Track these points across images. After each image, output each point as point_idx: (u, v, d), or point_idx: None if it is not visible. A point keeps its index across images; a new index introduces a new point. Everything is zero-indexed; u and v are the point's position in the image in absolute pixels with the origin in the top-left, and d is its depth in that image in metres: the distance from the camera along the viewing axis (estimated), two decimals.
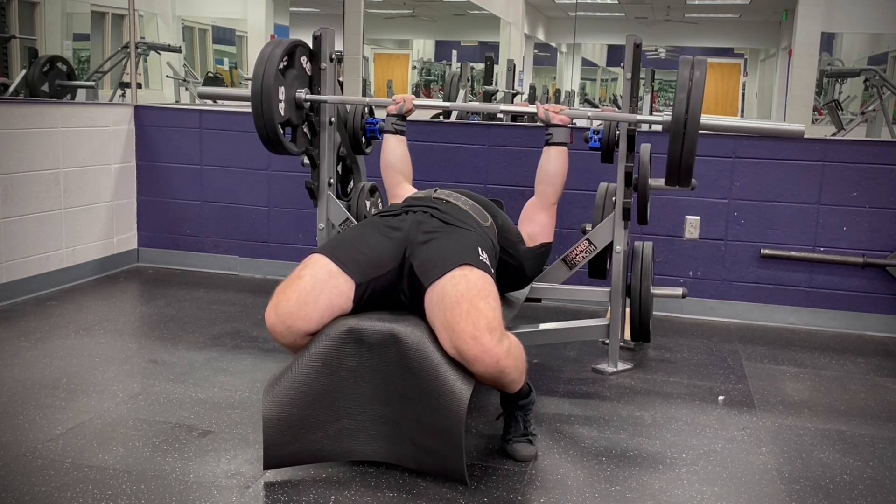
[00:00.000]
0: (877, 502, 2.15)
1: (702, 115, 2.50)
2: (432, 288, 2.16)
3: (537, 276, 2.98)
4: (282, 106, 2.80)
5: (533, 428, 2.36)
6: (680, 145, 2.50)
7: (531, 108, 2.92)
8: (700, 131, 2.49)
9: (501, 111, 3.08)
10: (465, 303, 2.07)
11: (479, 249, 2.29)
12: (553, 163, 2.86)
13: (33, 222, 3.81)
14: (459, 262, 2.18)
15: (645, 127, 3.97)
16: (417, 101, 3.03)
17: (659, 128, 2.68)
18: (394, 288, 2.29)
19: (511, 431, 2.33)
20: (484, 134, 4.07)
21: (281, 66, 2.78)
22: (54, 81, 5.79)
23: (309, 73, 2.98)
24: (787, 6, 11.94)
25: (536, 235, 2.81)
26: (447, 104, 3.02)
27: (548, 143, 2.88)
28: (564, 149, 2.87)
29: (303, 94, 2.91)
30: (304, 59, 2.95)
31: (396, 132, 2.98)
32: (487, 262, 2.27)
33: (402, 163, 2.98)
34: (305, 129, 3.00)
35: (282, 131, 2.82)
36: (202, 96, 3.19)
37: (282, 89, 2.80)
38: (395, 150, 2.98)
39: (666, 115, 2.62)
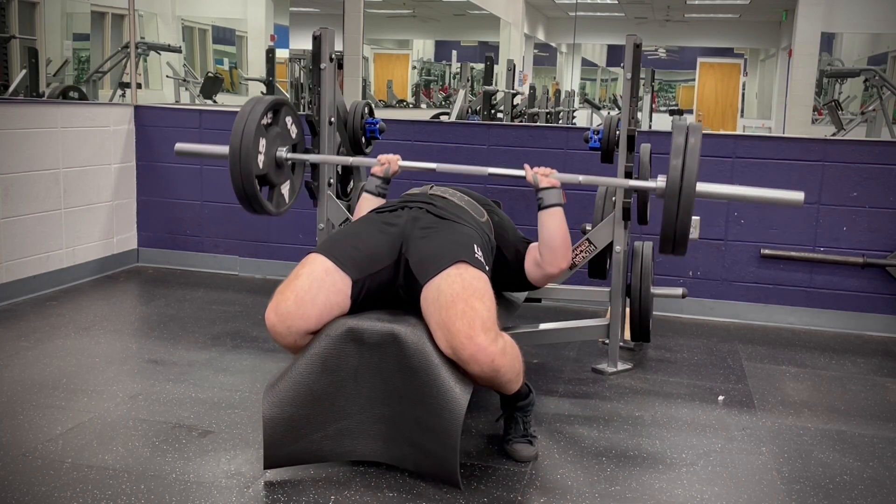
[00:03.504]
0: (877, 502, 2.15)
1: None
2: (428, 286, 2.16)
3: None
4: (261, 158, 2.75)
5: (533, 429, 2.36)
6: (675, 213, 2.49)
7: (520, 172, 2.76)
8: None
9: (489, 174, 2.90)
10: (461, 302, 2.07)
11: (475, 246, 2.29)
12: (548, 228, 2.62)
13: (33, 222, 3.81)
14: (455, 259, 2.18)
15: (644, 127, 3.96)
16: (403, 163, 2.85)
17: (662, 125, 2.67)
18: (391, 283, 2.29)
19: (511, 432, 2.33)
20: (484, 134, 4.07)
21: (265, 121, 2.74)
22: None
23: (293, 135, 2.93)
24: (787, 6, 11.94)
25: (529, 275, 2.69)
26: (433, 165, 2.89)
27: (540, 209, 2.64)
28: (558, 210, 2.63)
29: (283, 151, 2.86)
30: (289, 120, 2.90)
31: (378, 195, 2.78)
32: (482, 260, 2.28)
33: None
34: (284, 192, 2.95)
35: (258, 188, 2.75)
36: (179, 154, 3.11)
37: (263, 141, 2.74)
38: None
39: (661, 182, 2.59)
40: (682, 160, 2.45)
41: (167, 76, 8.39)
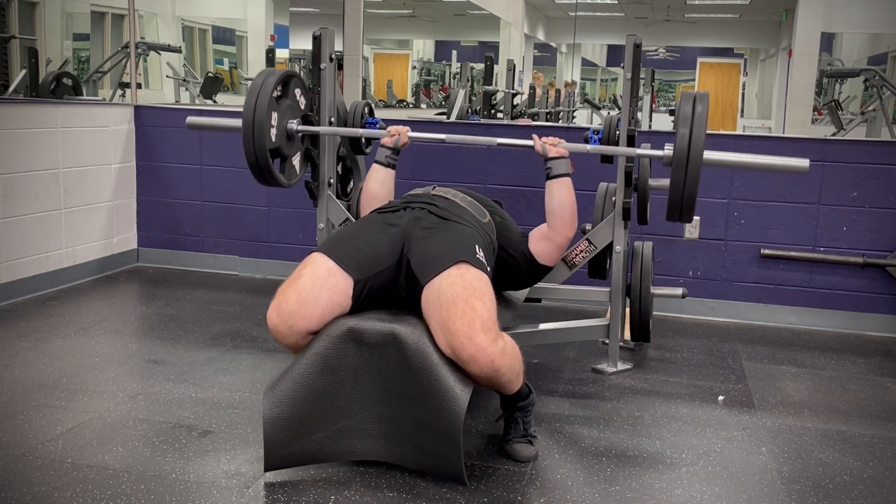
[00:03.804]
0: (877, 502, 2.15)
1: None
2: (429, 286, 2.16)
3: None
4: (273, 132, 2.76)
5: (533, 429, 2.36)
6: (682, 181, 2.48)
7: (528, 142, 2.83)
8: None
9: (498, 145, 2.97)
10: (461, 302, 2.07)
11: (476, 247, 2.29)
12: (556, 196, 2.71)
13: (33, 222, 3.81)
14: (456, 259, 2.18)
15: (645, 126, 3.96)
16: (413, 134, 2.91)
17: (661, 123, 2.67)
18: (392, 283, 2.29)
19: (511, 432, 2.33)
20: (484, 134, 4.07)
21: (275, 94, 2.75)
22: (62, 97, 5.82)
23: (302, 106, 2.94)
24: (787, 6, 11.95)
25: (539, 254, 2.74)
26: (444, 136, 2.95)
27: (549, 178, 2.74)
28: (567, 180, 2.74)
29: (294, 124, 2.87)
30: (298, 92, 2.91)
31: (388, 165, 2.86)
32: (484, 261, 2.28)
33: (388, 197, 2.86)
34: (295, 163, 2.96)
35: (272, 160, 2.77)
36: (191, 127, 3.14)
37: (274, 115, 2.76)
38: (384, 182, 2.84)
39: (668, 150, 2.58)
40: (689, 129, 2.45)
41: (167, 76, 8.39)
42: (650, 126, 9.53)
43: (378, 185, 2.83)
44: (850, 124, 7.66)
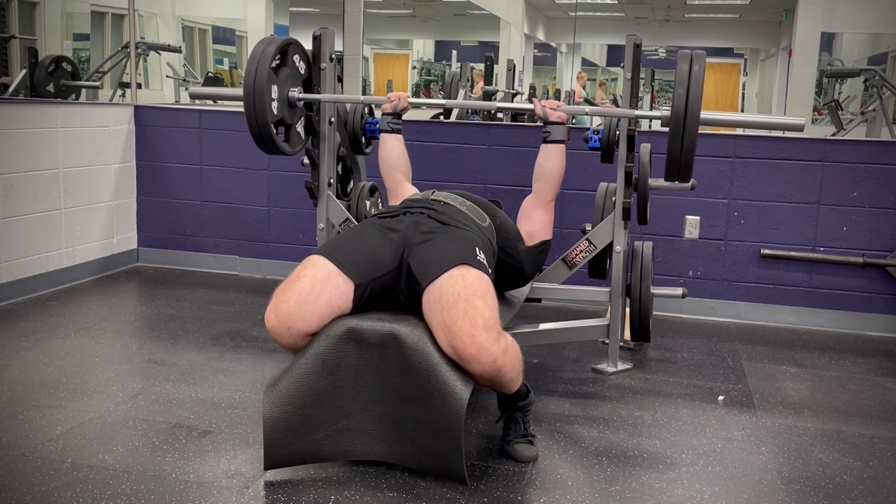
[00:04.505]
0: (877, 502, 2.15)
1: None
2: (430, 288, 2.16)
3: (537, 276, 2.98)
4: (274, 105, 2.77)
5: (532, 429, 2.36)
6: (680, 140, 2.49)
7: (529, 105, 2.90)
8: (700, 127, 2.48)
9: (498, 108, 3.05)
10: (463, 302, 2.07)
11: (477, 249, 2.29)
12: (551, 161, 2.83)
13: (33, 222, 3.81)
14: (457, 261, 2.18)
15: (645, 126, 3.96)
16: (412, 100, 3.01)
17: (658, 123, 2.67)
18: (392, 288, 2.29)
19: (511, 432, 2.33)
20: (484, 134, 4.07)
21: (273, 64, 2.76)
22: (59, 81, 5.82)
23: (302, 72, 2.96)
24: (787, 6, 11.94)
25: (535, 233, 2.81)
26: (443, 101, 3.00)
27: (545, 141, 2.85)
28: (562, 146, 2.84)
29: (296, 92, 2.88)
30: (297, 58, 2.92)
31: (393, 131, 2.97)
32: (485, 262, 2.28)
33: (402, 161, 2.97)
34: (299, 129, 2.97)
35: (275, 131, 2.80)
36: (194, 97, 3.16)
37: (274, 87, 2.77)
38: (393, 148, 2.97)
39: (665, 111, 2.60)
40: (686, 87, 2.46)
41: (167, 76, 8.39)
42: (650, 126, 9.52)
43: (388, 152, 2.96)
44: (850, 124, 7.66)
